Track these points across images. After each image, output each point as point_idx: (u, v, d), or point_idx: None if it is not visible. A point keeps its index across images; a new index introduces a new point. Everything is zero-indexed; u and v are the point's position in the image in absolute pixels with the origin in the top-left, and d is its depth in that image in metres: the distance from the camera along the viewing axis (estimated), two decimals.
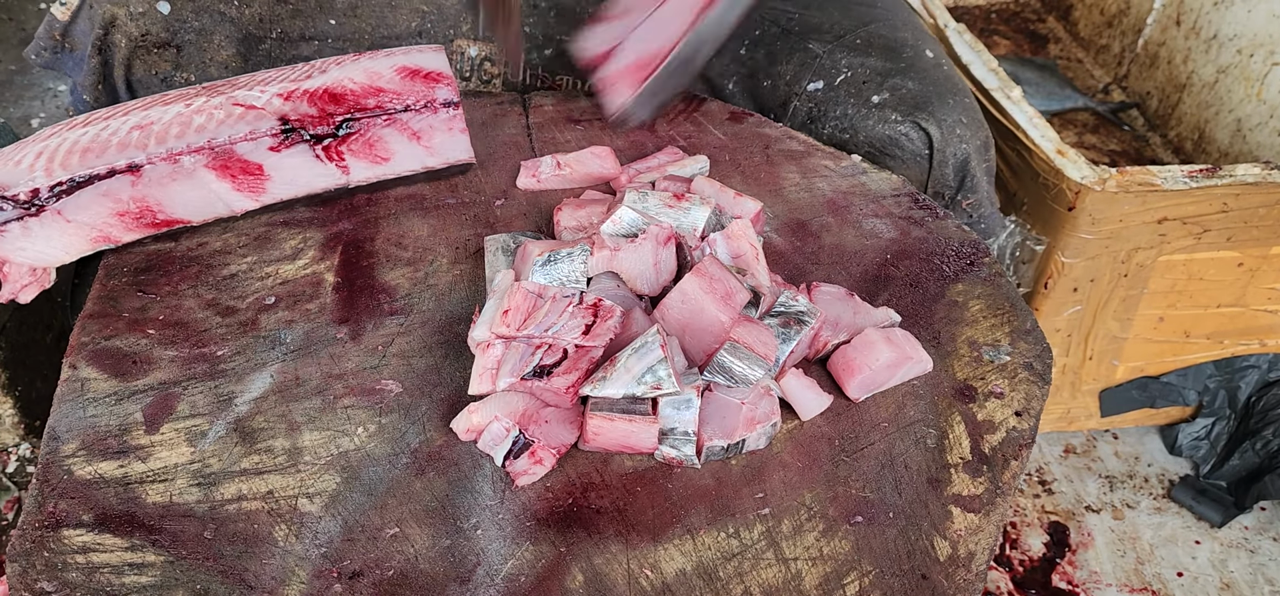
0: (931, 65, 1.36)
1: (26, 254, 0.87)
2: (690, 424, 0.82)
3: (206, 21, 1.24)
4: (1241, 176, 1.44)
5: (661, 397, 0.82)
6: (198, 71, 1.24)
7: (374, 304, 0.95)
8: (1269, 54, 1.96)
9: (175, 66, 1.24)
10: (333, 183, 1.03)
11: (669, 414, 0.82)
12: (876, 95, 1.29)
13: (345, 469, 0.81)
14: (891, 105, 1.28)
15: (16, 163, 0.84)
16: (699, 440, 0.83)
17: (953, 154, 1.28)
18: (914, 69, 1.33)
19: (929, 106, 1.28)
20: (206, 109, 0.93)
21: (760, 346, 0.85)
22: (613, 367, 0.82)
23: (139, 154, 0.89)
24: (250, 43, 1.25)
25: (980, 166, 1.31)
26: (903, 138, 1.27)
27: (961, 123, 1.29)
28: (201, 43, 1.24)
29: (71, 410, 0.84)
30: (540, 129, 1.20)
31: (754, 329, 0.86)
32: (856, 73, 1.32)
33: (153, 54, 1.23)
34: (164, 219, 0.93)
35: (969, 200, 1.31)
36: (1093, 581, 1.57)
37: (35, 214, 0.85)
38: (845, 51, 1.34)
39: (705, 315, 0.85)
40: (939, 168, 1.28)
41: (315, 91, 0.98)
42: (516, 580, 0.75)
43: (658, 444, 0.83)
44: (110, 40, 1.21)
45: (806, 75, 1.31)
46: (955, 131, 1.28)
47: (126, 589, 0.72)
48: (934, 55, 1.39)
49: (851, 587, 0.77)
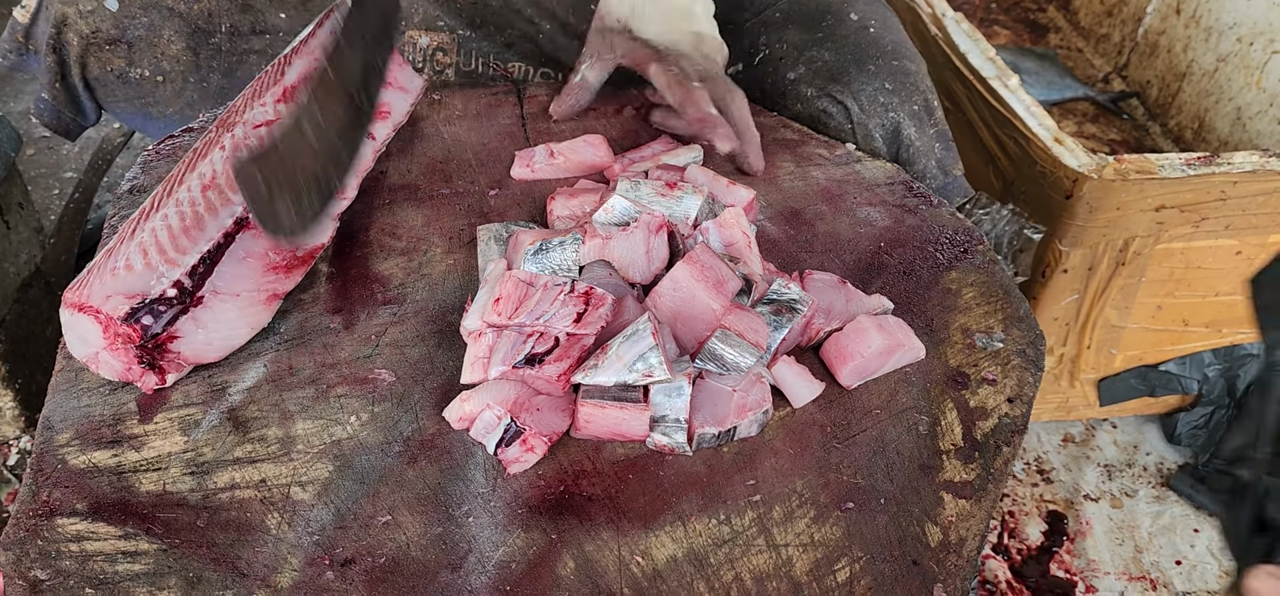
0: (854, 29, 1.28)
1: (213, 345, 0.86)
2: (681, 411, 0.83)
3: (154, 17, 1.24)
4: (1239, 165, 1.44)
5: (653, 385, 0.82)
6: (151, 66, 1.25)
7: (367, 293, 0.95)
8: (1269, 42, 1.95)
9: (129, 62, 1.25)
10: (369, 152, 1.04)
11: (660, 401, 0.83)
12: (791, 71, 1.24)
13: (338, 457, 0.81)
14: (806, 80, 1.23)
15: (129, 268, 0.83)
16: (690, 427, 0.83)
17: (878, 125, 1.21)
18: (832, 38, 1.26)
19: (844, 77, 1.21)
20: (243, 144, 0.93)
21: (752, 334, 0.85)
22: (604, 355, 0.82)
23: (235, 208, 0.88)
24: (199, 37, 1.26)
25: (920, 133, 1.24)
26: (821, 115, 1.22)
27: (885, 90, 1.21)
28: (151, 38, 1.24)
29: (66, 400, 0.84)
30: (535, 119, 1.20)
31: (746, 316, 0.86)
32: (773, 49, 1.27)
33: (105, 50, 1.24)
34: (304, 253, 0.93)
35: (911, 172, 1.23)
36: (1091, 570, 1.57)
37: (196, 304, 0.84)
38: (763, 27, 1.30)
39: (697, 303, 0.86)
40: (865, 142, 1.22)
41: (298, 83, 0.98)
42: (508, 567, 0.76)
43: (649, 431, 0.83)
44: (63, 39, 1.23)
45: (728, 58, 1.28)
46: (878, 101, 1.21)
47: (119, 577, 0.73)
48: (861, 16, 1.30)
49: (842, 573, 0.78)
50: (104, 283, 0.82)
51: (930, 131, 1.25)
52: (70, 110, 1.29)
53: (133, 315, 0.80)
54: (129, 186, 1.05)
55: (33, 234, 1.48)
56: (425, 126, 1.16)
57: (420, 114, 1.18)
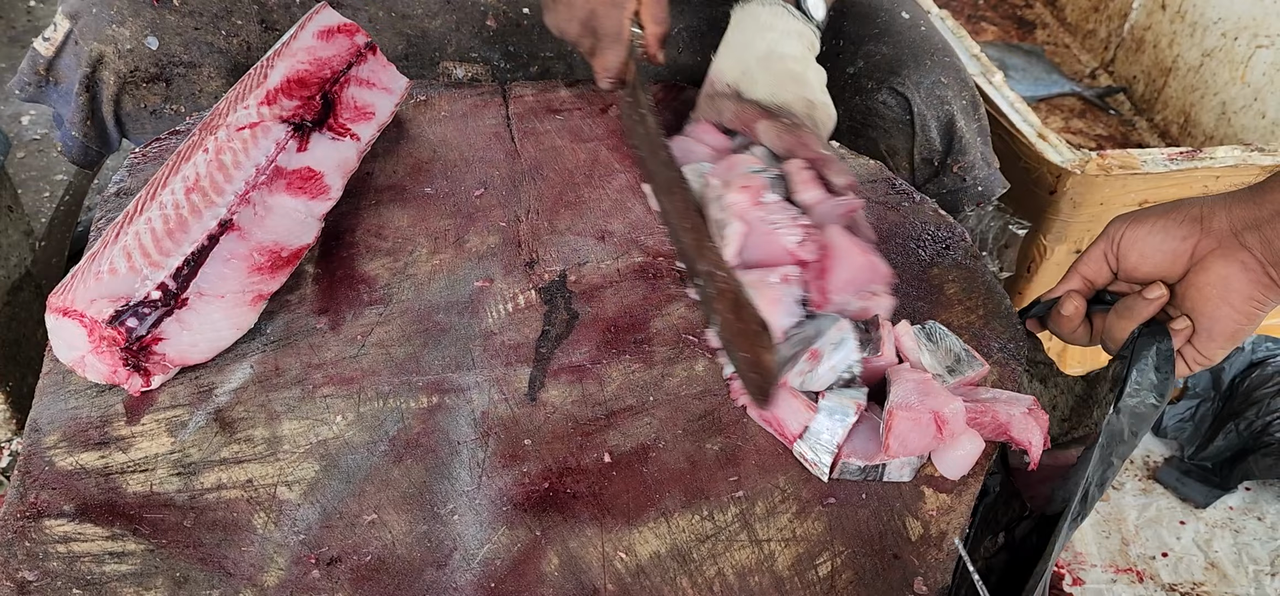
0: (907, 27, 1.33)
1: (199, 347, 0.86)
2: (837, 436, 0.82)
3: (195, 53, 1.22)
4: (1222, 159, 1.45)
5: (833, 394, 0.84)
6: (188, 103, 1.23)
7: (354, 294, 0.96)
8: (1253, 37, 1.96)
9: (165, 99, 1.22)
10: (354, 154, 1.04)
11: (823, 417, 0.83)
12: (851, 65, 1.27)
13: (324, 457, 0.82)
14: (866, 74, 1.25)
15: (113, 272, 0.83)
16: (838, 453, 0.83)
17: (935, 117, 1.25)
18: (888, 33, 1.30)
19: (904, 70, 1.25)
20: (226, 146, 0.93)
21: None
22: (816, 360, 0.85)
23: (219, 210, 0.89)
24: (239, 72, 1.24)
25: (969, 126, 1.28)
26: (881, 107, 1.25)
27: (941, 83, 1.26)
28: (191, 75, 1.22)
29: (53, 402, 0.85)
30: (520, 119, 1.21)
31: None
32: (830, 44, 1.29)
33: (142, 89, 1.21)
34: (289, 254, 0.93)
35: (959, 163, 1.28)
36: (1078, 562, 1.58)
37: (181, 305, 0.84)
38: None
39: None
40: (922, 133, 1.26)
41: (281, 86, 0.99)
42: (492, 564, 0.76)
43: (798, 436, 0.83)
44: (98, 77, 1.20)
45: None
46: (935, 93, 1.25)
47: (107, 577, 0.73)
48: (910, 16, 1.36)
49: (824, 567, 0.78)
50: (88, 286, 0.82)
51: (975, 125, 1.30)
52: (98, 144, 1.26)
53: (117, 318, 0.80)
54: (115, 189, 1.05)
55: (23, 237, 1.48)
56: (411, 127, 1.17)
57: (406, 115, 1.19)
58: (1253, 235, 0.81)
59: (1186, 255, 0.85)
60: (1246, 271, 0.82)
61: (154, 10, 1.21)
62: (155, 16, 1.20)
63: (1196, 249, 0.84)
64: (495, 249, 1.02)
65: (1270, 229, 0.80)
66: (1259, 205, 0.81)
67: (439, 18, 1.31)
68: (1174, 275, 0.86)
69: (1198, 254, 0.85)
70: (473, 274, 0.99)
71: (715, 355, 0.92)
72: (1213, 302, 0.84)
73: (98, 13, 1.19)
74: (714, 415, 0.88)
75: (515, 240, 1.03)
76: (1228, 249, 0.83)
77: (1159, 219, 0.86)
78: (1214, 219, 0.84)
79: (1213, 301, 0.84)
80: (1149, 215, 0.87)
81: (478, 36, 1.31)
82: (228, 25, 1.24)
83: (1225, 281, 0.83)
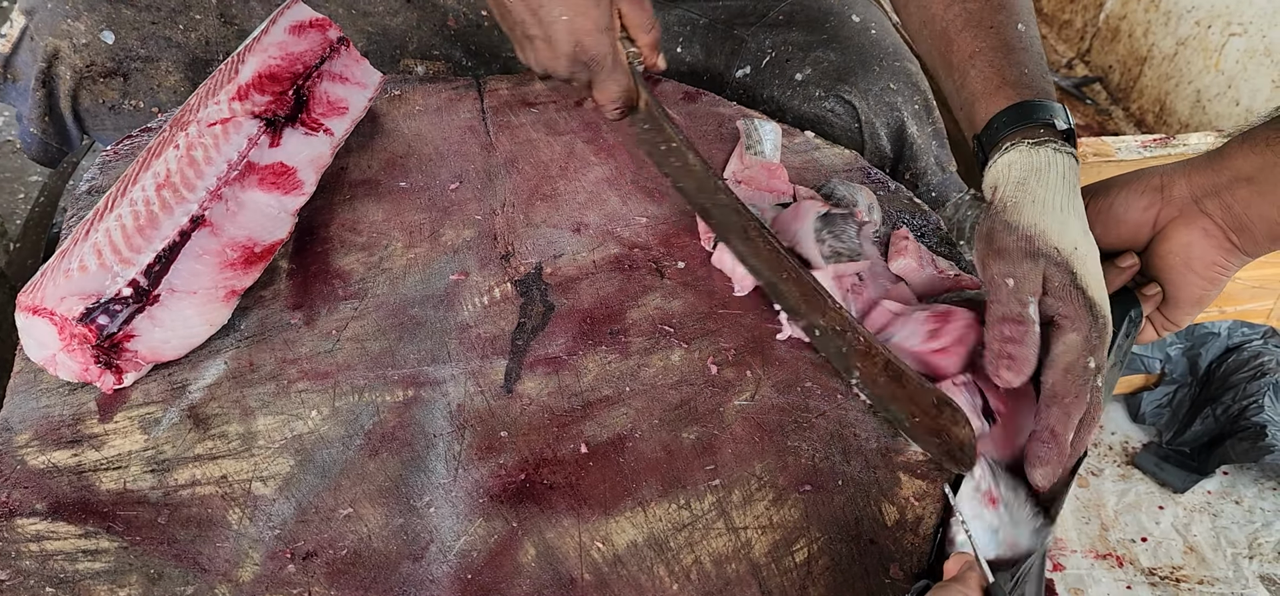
0: (857, 31, 1.30)
1: (171, 343, 0.86)
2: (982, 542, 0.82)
3: (152, 48, 1.21)
4: (1195, 145, 1.46)
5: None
6: (146, 97, 1.22)
7: (328, 289, 0.95)
8: (1226, 25, 1.98)
9: (123, 94, 1.21)
10: (328, 149, 1.03)
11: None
12: (799, 72, 1.26)
13: (299, 452, 0.82)
14: (814, 80, 1.24)
15: (83, 269, 0.82)
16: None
17: (884, 123, 1.24)
18: (837, 38, 1.28)
19: (851, 76, 1.23)
20: (197, 142, 0.92)
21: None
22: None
23: (190, 206, 0.88)
24: (197, 66, 1.23)
25: (921, 131, 1.26)
26: (829, 114, 1.24)
27: (890, 89, 1.24)
28: (149, 70, 1.21)
29: (25, 401, 0.84)
30: (495, 113, 1.21)
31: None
32: (779, 51, 1.27)
33: (99, 84, 1.20)
34: (262, 250, 0.92)
35: (911, 169, 1.28)
36: (1057, 548, 1.59)
37: (152, 302, 0.84)
38: (767, 30, 1.30)
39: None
40: (871, 140, 1.24)
41: (253, 81, 0.98)
42: (469, 556, 0.76)
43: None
44: (54, 73, 1.19)
45: (736, 63, 1.28)
46: (884, 99, 1.23)
47: (80, 575, 0.73)
48: (861, 19, 1.33)
49: (800, 554, 0.79)
50: (58, 284, 0.81)
51: (929, 129, 1.28)
52: (57, 141, 1.25)
53: (88, 315, 0.80)
54: (87, 187, 1.04)
55: None
56: (385, 122, 1.17)
57: (380, 109, 1.18)
58: (1212, 201, 0.82)
59: (1149, 224, 0.86)
60: (1208, 237, 0.83)
61: (110, 5, 1.20)
62: (111, 11, 1.19)
63: (1159, 217, 0.86)
64: (471, 242, 1.02)
65: (1230, 194, 0.81)
66: (1217, 171, 0.82)
67: (400, 16, 1.30)
68: (1138, 244, 0.87)
69: (1160, 222, 0.86)
70: (448, 267, 0.99)
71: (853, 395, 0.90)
72: (1177, 269, 0.85)
73: (52, 8, 1.18)
74: (690, 405, 0.88)
75: (491, 233, 1.03)
76: (1189, 216, 0.84)
77: (1121, 190, 0.87)
78: (1174, 187, 0.85)
79: (1177, 268, 0.85)
80: (1112, 186, 0.88)
81: (439, 34, 1.30)
82: (186, 19, 1.23)
83: (1187, 248, 0.84)
